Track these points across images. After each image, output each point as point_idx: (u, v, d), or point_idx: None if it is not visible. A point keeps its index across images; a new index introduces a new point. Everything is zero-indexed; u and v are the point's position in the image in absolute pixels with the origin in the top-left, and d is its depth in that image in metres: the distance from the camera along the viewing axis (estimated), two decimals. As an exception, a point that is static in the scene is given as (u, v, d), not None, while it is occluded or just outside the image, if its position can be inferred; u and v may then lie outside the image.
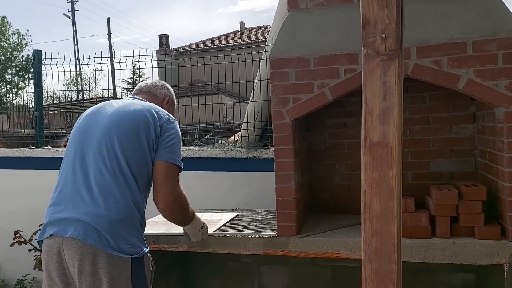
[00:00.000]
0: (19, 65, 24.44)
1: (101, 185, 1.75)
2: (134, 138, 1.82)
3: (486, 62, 2.06)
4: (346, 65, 2.22)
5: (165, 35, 23.48)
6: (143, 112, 1.90)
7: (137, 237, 1.79)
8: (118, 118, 1.87)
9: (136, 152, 1.82)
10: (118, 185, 1.76)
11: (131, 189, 1.78)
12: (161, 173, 1.84)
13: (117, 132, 1.82)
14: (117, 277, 1.70)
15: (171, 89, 2.30)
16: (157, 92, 2.21)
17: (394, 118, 1.12)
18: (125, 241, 1.72)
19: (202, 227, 2.27)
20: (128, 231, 1.74)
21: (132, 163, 1.80)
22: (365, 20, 1.12)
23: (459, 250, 2.12)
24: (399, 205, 1.14)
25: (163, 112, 1.98)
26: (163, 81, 2.32)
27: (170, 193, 1.85)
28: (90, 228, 1.69)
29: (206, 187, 3.81)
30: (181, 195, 1.92)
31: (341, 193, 2.88)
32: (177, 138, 1.94)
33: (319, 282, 2.88)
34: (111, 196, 1.74)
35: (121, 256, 1.71)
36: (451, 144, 2.67)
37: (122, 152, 1.79)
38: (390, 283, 1.16)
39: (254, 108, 3.89)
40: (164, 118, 1.93)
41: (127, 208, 1.76)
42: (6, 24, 25.22)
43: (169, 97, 2.24)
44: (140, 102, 2.03)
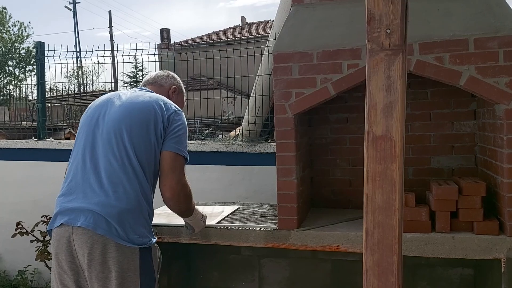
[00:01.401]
0: (20, 57, 24.41)
1: (111, 176, 1.78)
2: (142, 130, 1.85)
3: (487, 59, 2.08)
4: (349, 60, 2.23)
5: (167, 29, 23.46)
6: (151, 103, 1.93)
7: (146, 227, 1.83)
8: (127, 110, 1.91)
9: (145, 144, 1.85)
10: (127, 176, 1.79)
11: (139, 179, 1.82)
12: (168, 163, 1.88)
13: (126, 124, 1.85)
14: (126, 266, 1.74)
15: (177, 78, 2.30)
16: (163, 82, 2.21)
17: (397, 113, 1.14)
18: (134, 231, 1.76)
19: (203, 217, 2.33)
20: (137, 221, 1.78)
21: (140, 154, 1.84)
22: (370, 15, 1.14)
23: (458, 245, 2.15)
24: (401, 198, 1.16)
25: (170, 104, 2.00)
26: (169, 71, 2.31)
27: (178, 182, 1.89)
28: (100, 218, 1.72)
29: (207, 181, 3.84)
30: (187, 185, 1.96)
31: (342, 188, 2.90)
32: (183, 129, 1.97)
33: (319, 275, 2.91)
34: (121, 186, 1.77)
35: (130, 246, 1.74)
36: (452, 140, 2.69)
37: (131, 144, 1.83)
38: (391, 274, 1.18)
39: (255, 103, 3.91)
40: (171, 110, 1.96)
41: (136, 199, 1.79)
42: (6, 16, 25.15)
43: (175, 86, 2.24)
44: (147, 93, 2.05)
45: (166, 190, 1.88)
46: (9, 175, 4.35)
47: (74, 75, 19.58)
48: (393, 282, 1.18)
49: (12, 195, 4.26)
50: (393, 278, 1.18)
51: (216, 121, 7.09)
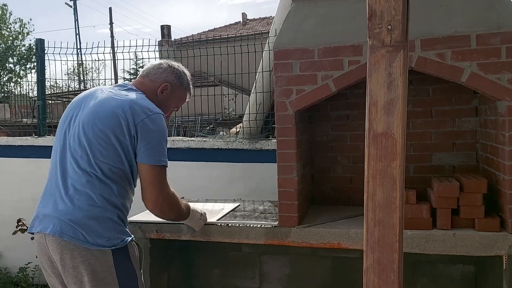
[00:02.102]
0: (20, 54, 24.40)
1: (76, 182, 1.78)
2: (106, 137, 1.77)
3: (489, 56, 2.07)
4: (350, 56, 2.22)
5: (167, 26, 23.42)
6: (117, 110, 1.78)
7: (115, 230, 1.79)
8: (94, 114, 1.82)
9: (109, 151, 1.77)
10: (90, 183, 1.76)
11: (103, 186, 1.78)
12: (144, 176, 1.81)
13: (91, 130, 1.79)
14: (99, 269, 1.74)
15: (179, 71, 2.07)
16: (156, 77, 2.00)
17: (398, 110, 1.13)
18: (101, 236, 1.75)
19: (201, 216, 2.31)
20: (103, 226, 1.76)
21: (104, 162, 1.77)
22: (371, 11, 1.13)
23: (459, 242, 2.14)
24: (402, 196, 1.16)
25: (143, 108, 1.81)
26: (171, 62, 2.09)
27: (158, 195, 1.82)
28: (66, 225, 1.73)
29: (208, 178, 3.83)
30: (170, 195, 1.87)
31: (343, 185, 2.89)
32: (157, 136, 1.81)
33: (320, 272, 2.91)
34: (84, 194, 1.76)
35: (100, 249, 1.74)
36: (453, 137, 2.68)
37: (92, 151, 1.78)
38: (392, 272, 1.18)
39: (256, 100, 3.90)
40: (141, 116, 1.78)
41: (100, 205, 1.76)
42: (6, 13, 25.12)
43: (168, 83, 2.01)
44: (122, 95, 1.86)
45: (147, 204, 1.84)
46: (10, 172, 4.35)
47: (75, 72, 19.58)
48: (393, 280, 1.18)
49: (12, 192, 4.26)
50: (393, 276, 1.18)
51: (217, 118, 7.08)
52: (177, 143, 3.95)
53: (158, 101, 1.96)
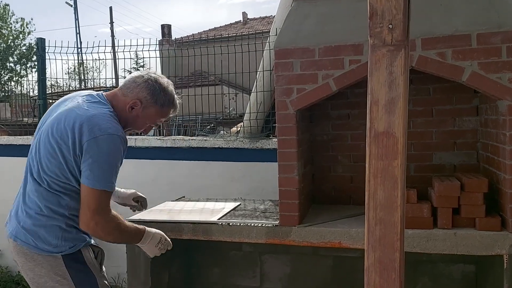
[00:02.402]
0: (21, 53, 24.40)
1: (30, 191, 1.83)
2: (53, 153, 1.76)
3: (490, 55, 2.07)
4: (351, 56, 2.22)
5: (168, 25, 23.42)
6: (69, 126, 1.74)
7: (64, 237, 1.81)
8: (52, 126, 1.80)
9: (53, 166, 1.77)
10: (38, 193, 1.80)
11: (50, 196, 1.79)
12: (82, 197, 1.76)
13: (45, 141, 1.80)
14: (52, 273, 1.80)
15: (155, 87, 1.89)
16: (128, 91, 1.88)
17: (399, 109, 1.13)
18: (49, 243, 1.79)
19: (159, 242, 2.03)
20: (51, 234, 1.80)
21: (49, 175, 1.78)
22: (372, 10, 1.13)
23: (460, 241, 2.14)
24: (403, 195, 1.16)
25: (94, 127, 1.72)
26: (153, 75, 1.92)
27: (90, 219, 1.75)
28: (19, 230, 1.81)
29: (208, 177, 3.84)
30: (103, 220, 1.77)
31: (343, 184, 2.90)
32: (102, 158, 1.72)
33: (320, 271, 2.91)
34: (34, 203, 1.81)
35: (50, 254, 1.80)
36: (454, 136, 2.68)
37: (41, 163, 1.79)
38: (393, 271, 1.18)
39: (257, 99, 3.90)
40: (88, 136, 1.71)
41: (46, 214, 1.80)
42: (8, 12, 25.13)
43: (139, 100, 1.87)
44: (84, 108, 1.79)
45: (81, 225, 1.79)
46: (11, 171, 4.34)
47: (75, 72, 19.57)
48: (394, 279, 1.18)
49: (13, 191, 4.23)
50: (394, 275, 1.18)
51: (217, 117, 7.08)
52: (178, 142, 3.95)
53: (128, 118, 1.89)
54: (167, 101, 1.93)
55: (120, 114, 1.86)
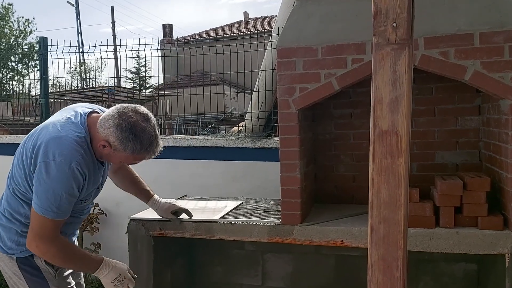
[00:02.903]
0: (23, 52, 24.42)
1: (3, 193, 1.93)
2: (20, 160, 1.79)
3: (492, 54, 2.07)
4: (354, 55, 2.23)
5: (169, 25, 23.46)
6: (35, 143, 1.74)
7: (17, 242, 1.85)
8: (31, 134, 1.83)
9: (17, 174, 1.81)
10: (6, 195, 1.89)
11: (13, 201, 1.85)
12: (31, 219, 1.77)
13: (20, 148, 1.83)
14: (9, 272, 1.90)
15: (125, 135, 1.72)
16: (101, 129, 1.76)
17: (403, 107, 1.14)
18: (4, 243, 1.87)
19: (116, 279, 1.91)
20: (6, 235, 1.87)
21: (15, 180, 1.83)
22: (376, 8, 1.13)
23: (462, 240, 2.14)
24: (407, 193, 1.16)
25: (48, 151, 1.68)
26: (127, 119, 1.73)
27: (31, 240, 1.76)
28: None
29: (210, 176, 3.84)
30: (43, 245, 1.76)
31: (345, 184, 2.90)
32: (47, 184, 1.69)
33: (323, 270, 2.91)
34: (1, 202, 1.92)
35: (7, 255, 1.88)
36: (456, 136, 2.68)
37: (14, 168, 1.85)
38: (396, 269, 1.18)
39: (258, 98, 3.90)
40: (40, 159, 1.69)
41: (6, 216, 1.87)
42: (9, 12, 25.15)
43: (107, 142, 1.75)
44: (55, 127, 1.76)
45: (27, 245, 1.80)
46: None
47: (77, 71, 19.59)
48: (398, 277, 1.18)
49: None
50: (398, 273, 1.18)
51: (218, 117, 7.09)
52: (179, 142, 3.96)
53: (101, 153, 1.82)
54: (138, 149, 1.76)
55: (94, 145, 1.80)
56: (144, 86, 20.41)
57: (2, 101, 8.46)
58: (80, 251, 1.94)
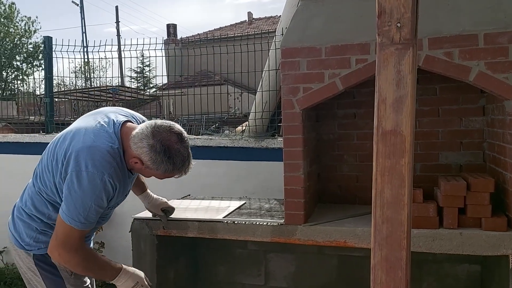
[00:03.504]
0: (27, 52, 24.51)
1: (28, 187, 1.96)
2: (50, 164, 1.80)
3: (497, 55, 2.06)
4: (358, 55, 2.22)
5: (173, 25, 23.51)
6: (65, 150, 1.74)
7: (36, 239, 1.88)
8: (63, 137, 1.83)
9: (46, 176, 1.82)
10: (31, 192, 1.90)
11: (37, 199, 1.87)
12: (56, 225, 1.78)
13: (51, 150, 1.83)
14: (25, 268, 1.92)
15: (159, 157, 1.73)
16: (134, 146, 1.76)
17: (407, 107, 1.14)
18: (22, 239, 1.90)
19: (134, 287, 1.91)
20: (26, 231, 1.89)
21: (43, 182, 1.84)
22: (380, 8, 1.13)
23: (465, 241, 2.14)
24: (410, 193, 1.16)
25: (80, 161, 1.69)
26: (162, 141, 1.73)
27: (54, 248, 1.76)
28: (11, 220, 1.97)
29: (214, 175, 3.85)
30: (66, 254, 1.75)
31: (349, 184, 2.90)
32: (77, 194, 1.69)
33: (325, 270, 2.91)
34: (25, 198, 1.93)
35: (24, 251, 1.90)
36: (460, 136, 2.67)
37: (43, 168, 1.85)
38: (399, 269, 1.18)
39: (262, 98, 3.91)
40: (72, 168, 1.69)
41: (28, 212, 1.89)
42: (14, 11, 25.25)
43: (140, 160, 1.77)
44: (88, 134, 1.76)
45: (48, 249, 1.80)
46: (17, 168, 4.37)
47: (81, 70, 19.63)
48: (401, 277, 1.18)
49: (20, 188, 4.27)
50: (401, 273, 1.18)
51: (222, 117, 7.09)
52: (183, 141, 3.96)
53: (133, 167, 1.84)
54: (170, 169, 1.78)
55: (126, 157, 1.81)
56: (148, 86, 20.46)
57: (7, 100, 8.49)
58: (101, 259, 1.90)
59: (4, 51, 23.47)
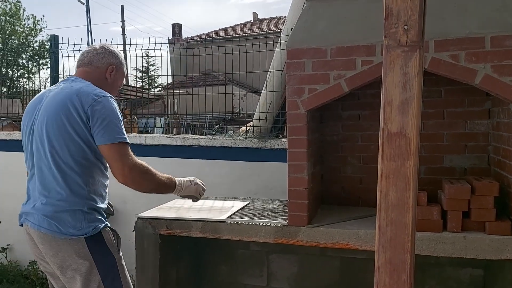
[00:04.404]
0: (33, 50, 24.60)
1: (43, 181, 1.92)
2: (61, 130, 1.88)
3: (504, 58, 2.05)
4: (363, 56, 2.22)
5: (178, 24, 23.54)
6: (65, 102, 1.89)
7: (86, 219, 1.92)
8: (46, 112, 1.93)
9: (68, 143, 1.89)
10: (56, 180, 1.90)
11: (68, 179, 1.90)
12: (106, 155, 1.90)
13: (46, 128, 1.91)
14: (75, 255, 1.89)
15: (117, 52, 2.16)
16: (99, 63, 2.09)
17: (413, 109, 1.13)
18: (73, 226, 1.89)
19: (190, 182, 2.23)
20: (74, 217, 1.89)
21: (65, 155, 1.89)
22: (388, 10, 1.13)
23: (469, 245, 2.13)
24: (415, 196, 1.16)
25: (89, 94, 1.90)
26: (108, 45, 2.16)
27: (123, 167, 1.88)
28: (42, 219, 1.89)
29: (217, 175, 3.85)
30: (136, 164, 1.92)
31: (352, 185, 2.89)
32: (109, 115, 1.88)
33: (328, 272, 2.91)
34: (53, 190, 1.90)
35: (73, 238, 1.88)
36: (465, 139, 2.66)
37: (53, 148, 1.89)
38: (403, 272, 1.18)
39: (267, 99, 3.90)
40: (89, 102, 1.87)
41: (68, 199, 1.89)
42: (20, 9, 25.35)
43: (113, 65, 2.11)
44: (68, 87, 1.97)
45: (117, 178, 1.91)
46: (23, 166, 4.39)
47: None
48: (405, 280, 1.18)
49: (24, 186, 4.30)
50: (405, 276, 1.18)
51: (226, 117, 7.10)
52: (187, 141, 3.97)
53: (107, 84, 2.09)
54: (123, 59, 2.19)
55: (97, 85, 2.00)
56: (152, 85, 20.50)
57: (12, 98, 8.52)
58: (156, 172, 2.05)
59: (10, 49, 23.57)
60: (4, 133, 4.66)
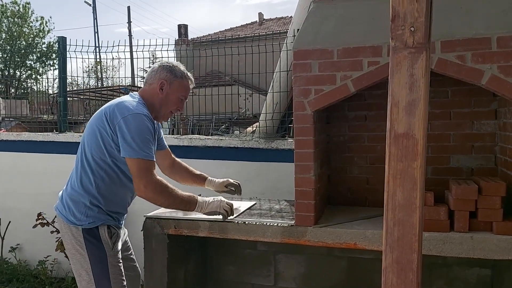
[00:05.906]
0: (41, 51, 24.74)
1: (72, 173, 2.22)
2: (92, 134, 2.13)
3: (510, 58, 2.05)
4: (370, 57, 2.23)
5: (184, 25, 23.57)
6: (103, 112, 2.12)
7: (86, 213, 2.12)
8: (92, 118, 2.20)
9: (92, 145, 2.12)
10: (76, 172, 2.17)
11: (83, 174, 2.14)
12: (130, 169, 2.08)
13: (86, 130, 2.20)
14: (74, 242, 2.13)
15: (169, 66, 2.27)
16: (152, 80, 2.26)
17: (420, 111, 1.15)
18: (74, 215, 2.13)
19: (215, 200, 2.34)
20: (77, 208, 2.12)
21: (88, 153, 2.13)
22: (394, 12, 1.14)
23: (476, 245, 2.13)
24: (422, 196, 1.17)
25: (122, 109, 2.07)
26: (166, 62, 2.30)
27: (139, 183, 2.05)
28: (59, 202, 2.22)
29: (223, 176, 3.84)
30: (152, 181, 2.06)
31: (359, 186, 2.90)
32: (132, 133, 2.02)
33: (335, 272, 2.92)
34: (72, 180, 2.19)
35: (74, 226, 2.12)
36: (472, 140, 2.66)
37: (83, 147, 2.17)
38: (411, 271, 1.19)
39: (273, 99, 3.92)
40: (118, 118, 2.05)
41: (78, 190, 2.14)
42: (28, 11, 25.53)
43: (164, 80, 2.24)
44: (117, 100, 2.17)
45: (138, 194, 2.11)
46: (31, 166, 4.44)
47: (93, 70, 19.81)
48: (412, 279, 1.19)
49: (33, 186, 4.35)
50: (412, 275, 1.19)
51: (232, 117, 7.12)
52: (194, 141, 3.99)
53: (161, 99, 2.23)
54: (182, 73, 2.28)
55: (152, 102, 2.22)
56: (158, 86, 20.51)
57: (20, 99, 8.60)
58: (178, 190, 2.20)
59: (18, 51, 23.75)
60: (13, 134, 4.70)
